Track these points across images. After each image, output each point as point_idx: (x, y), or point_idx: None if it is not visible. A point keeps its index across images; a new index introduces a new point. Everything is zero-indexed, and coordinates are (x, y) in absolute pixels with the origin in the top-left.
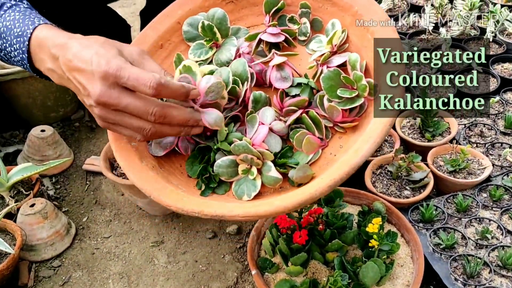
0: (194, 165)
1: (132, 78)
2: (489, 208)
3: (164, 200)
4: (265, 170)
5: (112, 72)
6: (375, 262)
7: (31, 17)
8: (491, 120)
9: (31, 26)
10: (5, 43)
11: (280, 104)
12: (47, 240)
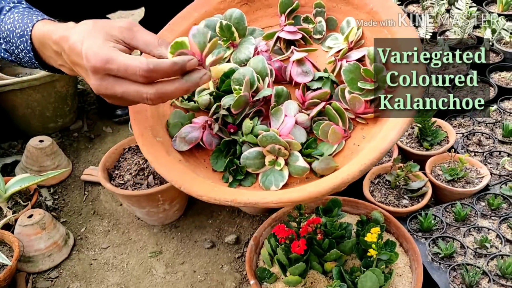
0: (219, 159)
1: (121, 69)
2: (488, 217)
3: (195, 190)
4: (292, 160)
5: (100, 66)
6: (374, 272)
7: (29, 15)
8: (489, 129)
9: (30, 24)
10: (12, 46)
11: (302, 98)
12: (45, 251)
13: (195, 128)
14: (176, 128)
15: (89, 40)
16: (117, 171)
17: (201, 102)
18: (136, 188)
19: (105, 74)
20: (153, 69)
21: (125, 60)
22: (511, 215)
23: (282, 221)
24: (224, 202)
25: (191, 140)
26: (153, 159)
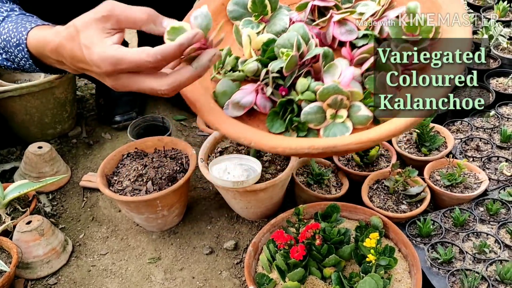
0: (275, 121)
1: (132, 66)
2: (486, 222)
3: (267, 143)
4: (354, 111)
5: (112, 69)
6: (373, 277)
7: (23, 23)
8: (487, 134)
9: (24, 33)
10: (12, 55)
11: (350, 55)
12: (43, 258)
13: (248, 93)
14: (225, 96)
15: (89, 46)
16: (115, 177)
17: (248, 69)
18: (135, 194)
19: (119, 73)
20: (161, 58)
21: (133, 57)
22: (509, 220)
23: (281, 226)
24: (301, 150)
25: (245, 104)
26: (215, 120)
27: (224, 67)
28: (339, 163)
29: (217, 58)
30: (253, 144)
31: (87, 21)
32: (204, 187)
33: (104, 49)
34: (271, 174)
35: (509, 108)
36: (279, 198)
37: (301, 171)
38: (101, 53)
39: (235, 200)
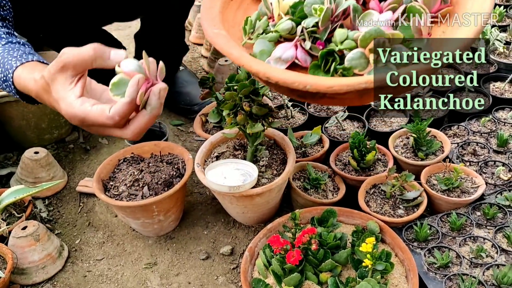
0: (318, 73)
1: (95, 123)
2: (483, 226)
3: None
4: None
5: (80, 124)
6: (369, 282)
7: (8, 59)
8: (484, 139)
9: (10, 71)
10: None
11: (379, 6)
12: (39, 263)
13: (287, 48)
14: (264, 55)
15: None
16: (112, 182)
17: (282, 28)
18: (131, 199)
19: (87, 126)
20: (118, 118)
21: (95, 117)
22: (506, 224)
23: (277, 231)
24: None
25: (287, 58)
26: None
27: (256, 31)
28: (335, 168)
29: (164, 92)
30: (309, 87)
31: (53, 74)
32: (200, 192)
33: (71, 105)
34: (267, 179)
35: (506, 113)
36: (276, 203)
37: (298, 175)
38: (69, 109)
39: (231, 205)
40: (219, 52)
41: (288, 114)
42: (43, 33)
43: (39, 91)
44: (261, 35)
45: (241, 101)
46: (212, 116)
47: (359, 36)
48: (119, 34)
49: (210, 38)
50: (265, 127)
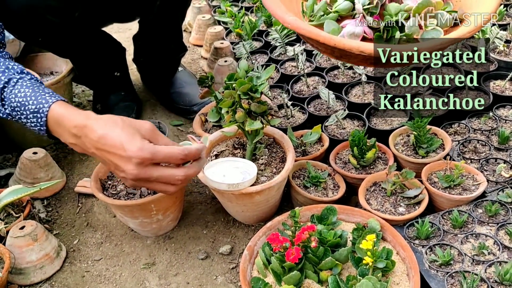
0: (381, 42)
1: (166, 157)
2: (485, 223)
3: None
4: (439, 18)
5: (148, 156)
6: (370, 280)
7: (42, 94)
8: (485, 136)
9: (46, 105)
10: (21, 116)
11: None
12: (37, 263)
13: (356, 25)
14: (335, 33)
15: (129, 137)
16: (110, 181)
17: (343, 8)
18: (129, 198)
19: (148, 164)
20: (187, 153)
21: (168, 149)
22: (508, 221)
23: (277, 229)
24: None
25: (359, 33)
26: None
27: (316, 14)
28: (335, 166)
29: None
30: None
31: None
32: (200, 191)
33: (143, 143)
34: (267, 177)
35: (507, 110)
36: (276, 201)
37: (298, 174)
38: (143, 144)
39: (231, 204)
40: (219, 53)
41: (288, 113)
42: (42, 37)
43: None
44: (322, 16)
45: (240, 99)
46: (211, 115)
47: (413, 7)
48: (119, 36)
49: (291, 25)
50: (264, 125)
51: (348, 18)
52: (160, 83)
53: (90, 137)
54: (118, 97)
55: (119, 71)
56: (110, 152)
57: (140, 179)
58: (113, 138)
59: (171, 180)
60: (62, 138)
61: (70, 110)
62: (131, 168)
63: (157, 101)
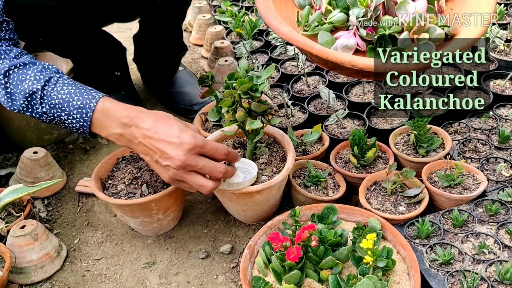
0: (373, 55)
1: (212, 149)
2: (486, 222)
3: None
4: (431, 32)
5: (199, 144)
6: (370, 279)
7: (87, 90)
8: (485, 136)
9: (93, 100)
10: (61, 113)
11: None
12: (37, 263)
13: (350, 37)
14: (329, 44)
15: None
16: (110, 180)
17: (337, 20)
18: (130, 197)
19: (197, 152)
20: (230, 151)
21: (215, 144)
22: (509, 220)
23: (277, 228)
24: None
25: (352, 45)
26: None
27: (310, 24)
28: (336, 165)
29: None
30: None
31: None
32: None
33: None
34: (267, 176)
35: (507, 109)
36: (276, 200)
37: (298, 173)
38: (193, 132)
39: (231, 203)
40: (219, 53)
41: (289, 112)
42: (42, 37)
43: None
44: (316, 26)
45: (240, 98)
46: (211, 114)
47: (406, 22)
48: (120, 36)
49: (285, 36)
50: (264, 124)
51: (343, 29)
52: (160, 82)
53: (141, 126)
54: (118, 97)
55: (119, 71)
56: (161, 140)
57: (187, 166)
58: (167, 126)
59: (214, 171)
60: (107, 130)
61: (120, 104)
62: (181, 153)
63: (157, 101)
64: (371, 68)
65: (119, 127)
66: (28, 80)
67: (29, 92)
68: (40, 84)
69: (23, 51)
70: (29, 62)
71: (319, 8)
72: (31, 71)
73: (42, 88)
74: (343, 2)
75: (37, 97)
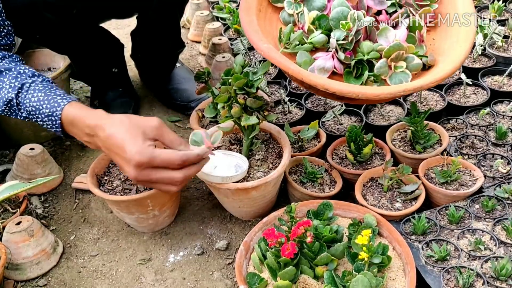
0: (350, 77)
1: (163, 162)
2: (482, 219)
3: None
4: (409, 61)
5: (145, 161)
6: (365, 276)
7: (54, 97)
8: (482, 132)
9: (58, 108)
10: (37, 119)
11: (387, 18)
12: (33, 259)
13: (327, 59)
14: (307, 65)
15: (131, 139)
16: (106, 177)
17: (317, 41)
18: (125, 193)
19: (146, 167)
20: (185, 159)
21: (166, 155)
22: (505, 217)
23: (273, 225)
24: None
25: (329, 68)
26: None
27: (291, 42)
28: (332, 162)
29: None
30: (361, 96)
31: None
32: (197, 187)
33: (143, 147)
34: (263, 172)
35: (505, 106)
36: (272, 196)
37: (294, 170)
38: (139, 148)
39: (227, 199)
40: (217, 49)
41: (286, 109)
42: (40, 34)
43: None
44: (297, 45)
45: (236, 94)
46: (208, 111)
47: (384, 49)
48: (118, 32)
49: (264, 53)
50: (260, 120)
51: (323, 50)
52: (158, 79)
53: (100, 136)
54: (116, 94)
55: (117, 68)
56: (115, 152)
57: (140, 181)
58: (117, 139)
59: (170, 182)
60: (77, 137)
61: (82, 111)
62: (131, 170)
63: (154, 98)
64: (343, 93)
65: (85, 136)
66: (4, 88)
67: (6, 100)
68: (14, 92)
69: (5, 54)
70: (4, 69)
71: (302, 26)
72: (7, 79)
73: (16, 96)
74: (326, 23)
75: (14, 105)
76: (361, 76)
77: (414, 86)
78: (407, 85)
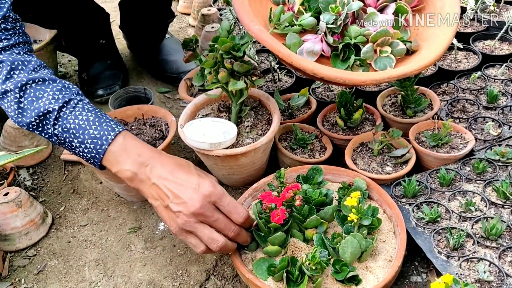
0: (337, 61)
1: (230, 205)
2: (473, 181)
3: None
4: (394, 46)
5: (216, 194)
6: (355, 237)
7: (107, 121)
8: (474, 96)
9: (112, 133)
10: (74, 139)
11: (374, 3)
12: (22, 229)
13: (316, 42)
14: (296, 46)
15: (204, 174)
16: None
17: (306, 23)
18: None
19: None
20: (249, 217)
21: (234, 201)
22: (496, 178)
23: (263, 190)
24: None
25: (317, 51)
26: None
27: (281, 23)
28: (322, 128)
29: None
30: (348, 81)
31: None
32: (187, 156)
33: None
34: (252, 138)
35: (496, 69)
36: (262, 163)
37: (285, 136)
38: (214, 182)
39: (217, 167)
40: (206, 20)
41: (276, 77)
42: (32, 13)
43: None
44: (287, 27)
45: (222, 58)
46: (196, 79)
47: (371, 34)
48: (107, 6)
49: (255, 34)
50: (247, 85)
51: (312, 32)
52: (147, 50)
53: (159, 167)
54: (104, 65)
55: (104, 39)
56: (177, 183)
57: (201, 214)
58: (187, 172)
59: (227, 228)
60: (119, 165)
61: (140, 141)
62: (197, 198)
63: (143, 70)
64: (331, 78)
65: (134, 164)
66: (45, 98)
67: (43, 111)
68: (58, 104)
69: (42, 64)
70: (48, 79)
71: (291, 7)
72: (50, 89)
73: (59, 110)
74: (316, 4)
75: (51, 118)
76: (348, 60)
77: (398, 73)
78: (391, 71)
